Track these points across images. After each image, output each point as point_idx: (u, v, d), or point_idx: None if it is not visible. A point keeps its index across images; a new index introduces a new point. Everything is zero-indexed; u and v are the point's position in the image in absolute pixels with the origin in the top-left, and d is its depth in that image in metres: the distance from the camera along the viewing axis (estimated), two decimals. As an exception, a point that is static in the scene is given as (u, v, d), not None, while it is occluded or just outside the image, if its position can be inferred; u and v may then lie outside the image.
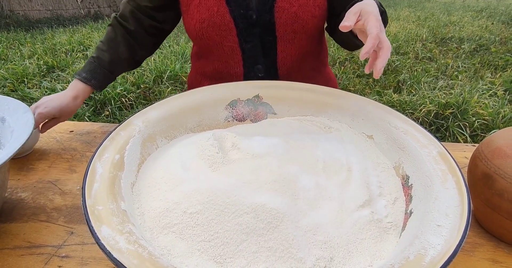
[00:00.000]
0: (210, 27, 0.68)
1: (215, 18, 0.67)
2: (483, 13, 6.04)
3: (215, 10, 0.67)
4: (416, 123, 0.52)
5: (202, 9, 0.68)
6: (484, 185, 0.44)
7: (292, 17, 0.67)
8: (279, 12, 0.67)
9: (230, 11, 0.67)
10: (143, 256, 0.30)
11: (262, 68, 0.74)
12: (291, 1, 0.66)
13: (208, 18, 0.67)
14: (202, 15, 0.68)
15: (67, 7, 5.92)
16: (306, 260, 0.34)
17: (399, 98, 2.52)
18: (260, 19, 0.68)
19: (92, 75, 0.73)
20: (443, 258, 0.28)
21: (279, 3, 0.66)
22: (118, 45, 0.75)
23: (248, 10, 0.67)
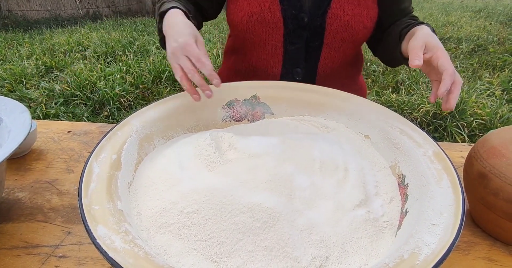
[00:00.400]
0: (258, 22, 0.66)
1: (265, 14, 0.65)
2: (481, 14, 6.06)
3: (266, 6, 0.65)
4: (412, 123, 0.52)
5: (254, 3, 0.66)
6: (479, 184, 0.45)
7: (344, 25, 0.66)
8: (332, 19, 0.65)
9: (282, 9, 0.65)
10: (139, 255, 0.30)
11: (301, 71, 0.73)
12: (346, 9, 0.65)
13: (258, 13, 0.65)
14: (253, 9, 0.66)
15: (66, 8, 5.91)
16: (302, 259, 0.34)
17: (397, 98, 2.53)
18: (311, 22, 0.66)
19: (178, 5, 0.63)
20: (437, 257, 0.28)
21: (333, 10, 0.65)
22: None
23: (300, 12, 0.66)
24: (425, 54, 0.51)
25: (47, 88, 2.66)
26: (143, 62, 3.19)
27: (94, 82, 2.66)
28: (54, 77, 2.96)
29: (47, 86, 2.68)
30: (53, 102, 2.50)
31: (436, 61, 0.49)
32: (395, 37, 0.65)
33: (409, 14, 0.72)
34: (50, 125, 0.84)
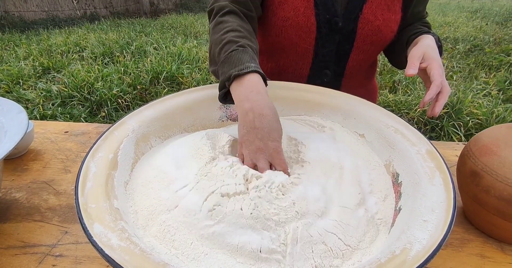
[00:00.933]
0: (292, 26, 0.67)
1: (300, 19, 0.66)
2: (477, 14, 6.10)
3: (301, 10, 0.66)
4: (406, 122, 0.52)
5: (288, 7, 0.66)
6: (472, 182, 0.45)
7: (374, 30, 0.67)
8: (363, 23, 0.67)
9: (316, 14, 0.66)
10: (135, 252, 0.30)
11: (329, 73, 0.74)
12: (377, 14, 0.67)
13: (292, 17, 0.66)
14: (287, 13, 0.66)
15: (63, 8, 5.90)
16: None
17: (394, 98, 2.54)
18: (343, 27, 0.68)
19: (254, 60, 0.53)
20: (427, 252, 0.29)
21: (365, 15, 0.66)
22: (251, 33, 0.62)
23: (334, 16, 0.67)
24: (422, 63, 0.56)
25: (44, 89, 2.65)
26: (140, 63, 3.19)
27: (92, 83, 2.66)
28: (51, 78, 2.95)
29: (44, 87, 2.68)
30: (50, 103, 2.50)
31: (429, 72, 0.54)
32: (403, 42, 0.69)
33: (422, 19, 0.75)
34: (47, 125, 0.84)
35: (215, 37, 0.58)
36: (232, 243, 0.35)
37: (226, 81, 0.51)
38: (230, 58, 0.52)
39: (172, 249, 0.35)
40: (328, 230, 0.37)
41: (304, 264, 0.34)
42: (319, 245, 0.35)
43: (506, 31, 4.58)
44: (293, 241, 0.35)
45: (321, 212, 0.38)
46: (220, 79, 0.53)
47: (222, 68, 0.53)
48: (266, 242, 0.34)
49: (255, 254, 0.34)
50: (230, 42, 0.54)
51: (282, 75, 0.77)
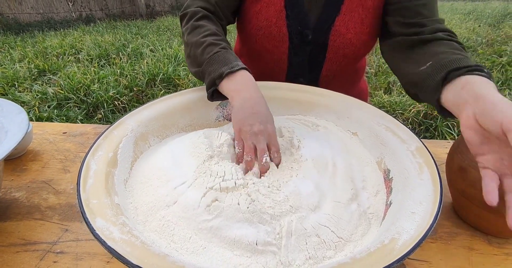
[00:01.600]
0: (265, 35, 0.69)
1: (272, 29, 0.68)
2: (470, 16, 6.18)
3: (273, 21, 0.68)
4: (396, 120, 0.54)
5: (261, 18, 0.68)
6: (459, 177, 0.47)
7: (346, 42, 0.68)
8: (335, 36, 0.67)
9: (288, 25, 0.68)
10: (136, 244, 0.31)
11: (304, 81, 0.73)
12: (349, 27, 0.67)
13: (265, 27, 0.68)
14: (260, 23, 0.68)
15: (58, 11, 5.89)
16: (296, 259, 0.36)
17: (389, 99, 2.57)
18: (314, 39, 0.69)
19: (237, 59, 0.58)
20: (414, 241, 0.30)
21: (337, 27, 0.67)
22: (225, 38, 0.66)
23: (305, 28, 0.68)
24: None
25: (40, 92, 2.64)
26: (137, 65, 3.20)
27: (88, 85, 2.66)
28: (47, 80, 2.94)
29: (40, 90, 2.67)
30: (46, 106, 2.49)
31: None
32: (437, 78, 0.47)
33: (436, 23, 0.60)
34: (45, 126, 0.85)
35: (194, 39, 0.61)
36: (229, 237, 0.36)
37: (216, 79, 0.54)
38: (216, 58, 0.56)
39: (172, 243, 0.37)
40: (321, 223, 0.38)
41: (299, 256, 0.35)
42: (313, 237, 0.37)
43: (498, 33, 4.65)
44: (287, 234, 0.36)
45: (314, 206, 0.40)
46: (208, 78, 0.56)
47: (209, 68, 0.56)
48: (262, 235, 0.36)
49: (252, 247, 0.35)
50: (212, 45, 0.58)
51: (261, 79, 0.78)
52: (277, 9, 0.67)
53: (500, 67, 3.30)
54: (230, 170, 0.43)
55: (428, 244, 0.47)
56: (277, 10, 0.67)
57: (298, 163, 0.50)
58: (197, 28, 0.63)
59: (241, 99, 0.51)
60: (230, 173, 0.43)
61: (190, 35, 0.63)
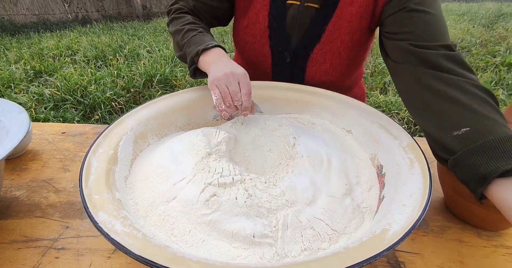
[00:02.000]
0: (251, 50, 0.73)
1: (256, 45, 0.71)
2: (464, 17, 6.25)
3: (258, 38, 0.71)
4: (389, 118, 0.56)
5: (248, 33, 0.71)
6: (449, 172, 0.48)
7: (322, 71, 0.70)
8: (312, 63, 0.70)
9: (270, 45, 0.70)
10: (138, 237, 0.32)
11: None
12: (326, 57, 0.68)
13: (251, 42, 0.72)
14: (247, 38, 0.72)
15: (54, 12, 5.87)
16: (291, 250, 0.37)
17: (385, 99, 2.60)
18: (293, 62, 0.71)
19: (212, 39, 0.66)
20: (403, 231, 0.32)
21: (315, 55, 0.69)
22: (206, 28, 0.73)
23: (285, 50, 0.70)
24: None
25: (36, 93, 2.64)
26: (134, 66, 3.20)
27: (85, 86, 2.66)
28: (44, 82, 2.93)
29: (36, 91, 2.66)
30: (43, 107, 2.49)
31: None
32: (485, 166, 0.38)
33: (445, 46, 0.49)
34: (44, 127, 0.85)
35: (176, 28, 0.69)
36: (227, 230, 0.37)
37: (194, 57, 0.62)
38: (193, 40, 0.64)
39: (172, 237, 0.38)
40: (316, 216, 0.40)
41: (294, 247, 0.36)
42: (308, 230, 0.38)
43: (492, 34, 4.71)
44: (283, 227, 0.38)
45: (310, 200, 0.41)
46: (188, 58, 0.64)
47: (188, 48, 0.64)
48: (259, 228, 0.37)
49: (249, 239, 0.36)
50: (190, 30, 0.66)
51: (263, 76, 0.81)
52: (261, 28, 0.69)
53: (493, 67, 3.35)
54: (228, 167, 0.45)
55: (420, 237, 0.49)
56: (261, 28, 0.69)
57: (294, 159, 0.51)
58: (178, 19, 0.71)
59: (215, 67, 0.57)
60: (228, 169, 0.44)
61: (171, 24, 0.72)
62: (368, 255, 0.29)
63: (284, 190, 0.42)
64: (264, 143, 0.54)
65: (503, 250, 0.47)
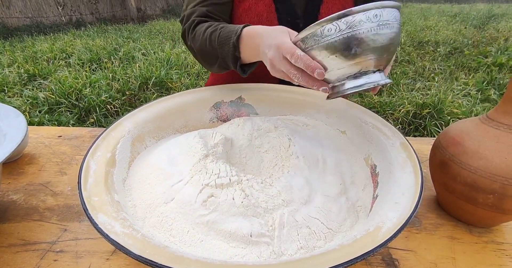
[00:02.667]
0: None
1: (264, 24, 0.69)
2: (456, 18, 6.34)
3: (264, 15, 0.71)
4: (382, 118, 0.57)
5: (252, 14, 0.71)
6: (441, 171, 0.50)
7: None
8: None
9: (278, 18, 0.71)
10: (137, 237, 0.33)
11: None
12: (333, 12, 0.69)
13: (257, 22, 0.71)
14: (251, 20, 0.71)
15: (48, 15, 5.83)
16: (288, 248, 0.38)
17: (379, 99, 2.63)
18: (305, 27, 0.72)
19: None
20: (396, 228, 0.33)
21: (323, 15, 0.71)
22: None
23: (295, 18, 0.72)
24: None
25: (30, 97, 2.62)
26: (129, 69, 3.20)
27: (80, 89, 2.65)
28: (38, 85, 2.92)
29: (31, 94, 2.65)
30: (37, 111, 2.47)
31: None
32: None
33: None
34: (40, 130, 0.85)
35: (199, 42, 0.65)
36: (225, 230, 0.38)
37: (233, 52, 0.57)
38: (221, 40, 0.59)
39: (170, 237, 0.38)
40: (311, 215, 0.40)
41: (291, 246, 0.37)
42: (304, 228, 0.39)
43: (483, 34, 4.78)
44: (280, 226, 0.38)
45: (305, 200, 0.42)
46: (228, 59, 0.59)
47: (223, 49, 0.59)
48: (256, 227, 0.38)
49: (246, 238, 0.37)
50: (212, 33, 0.61)
51: (256, 78, 0.79)
52: (267, 4, 0.70)
53: (485, 67, 3.40)
54: (225, 168, 0.46)
55: (413, 235, 0.50)
56: (266, 4, 0.70)
57: (290, 160, 0.52)
58: (195, 35, 0.67)
59: (261, 52, 0.50)
60: (225, 170, 0.45)
61: (193, 41, 0.67)
62: (362, 252, 0.30)
63: (280, 190, 0.43)
64: (260, 144, 0.55)
65: (494, 246, 0.48)
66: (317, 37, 0.41)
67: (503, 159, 0.44)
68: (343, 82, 0.42)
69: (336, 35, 0.39)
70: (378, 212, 0.38)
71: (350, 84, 0.41)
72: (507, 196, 0.43)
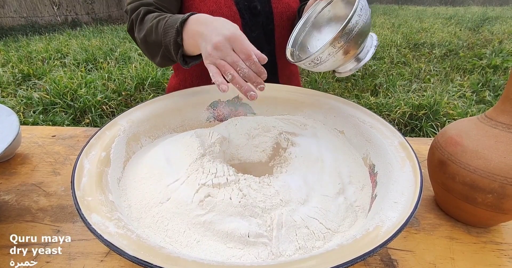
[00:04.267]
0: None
1: (223, 10, 0.72)
2: (451, 20, 6.39)
3: (222, 2, 0.72)
4: (380, 117, 0.57)
5: (209, 2, 0.71)
6: (440, 170, 0.50)
7: (285, 6, 0.76)
8: (276, 3, 0.75)
9: (236, 3, 0.73)
10: (132, 238, 0.32)
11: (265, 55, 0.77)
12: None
13: (216, 10, 0.71)
14: (210, 7, 0.72)
15: (43, 14, 5.78)
16: (287, 249, 0.37)
17: (376, 100, 2.64)
18: (262, 9, 0.75)
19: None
20: (396, 227, 0.32)
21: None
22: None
23: (251, 2, 0.74)
24: None
25: (24, 97, 2.59)
26: (125, 69, 3.17)
27: (75, 89, 2.62)
28: (32, 85, 2.89)
29: (25, 95, 2.62)
30: (32, 111, 2.45)
31: None
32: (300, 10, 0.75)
33: None
34: (33, 130, 0.84)
35: (145, 31, 0.60)
36: (222, 230, 0.37)
37: (175, 38, 0.53)
38: (166, 26, 0.55)
39: (166, 238, 0.38)
40: (310, 215, 0.40)
41: (289, 246, 0.37)
42: (302, 229, 0.38)
43: (478, 37, 4.83)
44: (278, 226, 0.38)
45: (303, 200, 0.42)
46: (172, 44, 0.55)
47: (166, 36, 0.55)
48: (253, 228, 0.37)
49: (244, 239, 0.37)
50: (160, 21, 0.57)
51: None
52: None
53: (480, 69, 3.43)
54: (222, 167, 0.45)
55: (412, 235, 0.49)
56: None
57: (287, 160, 0.51)
58: (143, 25, 0.63)
59: (202, 41, 0.48)
60: (222, 170, 0.44)
61: (140, 33, 0.63)
62: (363, 252, 0.30)
63: (278, 190, 0.42)
64: (258, 143, 0.54)
65: (492, 246, 0.48)
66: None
67: (502, 158, 0.43)
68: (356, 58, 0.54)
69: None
70: (378, 212, 0.37)
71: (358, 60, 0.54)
72: (506, 196, 0.43)
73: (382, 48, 4.17)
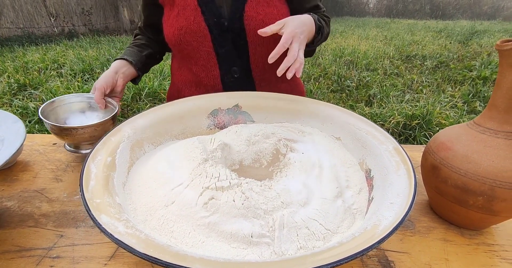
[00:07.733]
0: (187, 33, 0.77)
1: (192, 26, 0.76)
2: (442, 33, 6.59)
3: (192, 19, 0.76)
4: (375, 124, 0.59)
5: (181, 19, 0.77)
6: (432, 175, 0.52)
7: (259, 24, 0.76)
8: (248, 20, 0.76)
9: (205, 19, 0.76)
10: (141, 237, 0.33)
11: (238, 70, 0.81)
12: (258, 10, 0.76)
13: (185, 26, 0.76)
14: (181, 24, 0.77)
15: (40, 25, 5.82)
16: (288, 249, 0.39)
17: (370, 111, 2.69)
18: (231, 26, 0.77)
19: (126, 53, 0.85)
20: (392, 226, 0.34)
21: (248, 13, 0.76)
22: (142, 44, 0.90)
23: (220, 18, 0.77)
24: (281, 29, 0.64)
25: (20, 106, 2.59)
26: (122, 79, 3.19)
27: (72, 99, 2.63)
28: (28, 95, 2.89)
29: (21, 104, 2.62)
30: (27, 121, 2.44)
31: (281, 33, 0.64)
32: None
33: (319, 12, 0.83)
34: (34, 138, 0.85)
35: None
36: (226, 231, 0.39)
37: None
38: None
39: (172, 239, 0.39)
40: (310, 217, 0.41)
41: (291, 246, 0.38)
42: (303, 229, 0.40)
43: (467, 49, 4.97)
44: (280, 227, 0.39)
45: (303, 202, 0.43)
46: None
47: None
48: (256, 228, 0.39)
49: (247, 239, 0.38)
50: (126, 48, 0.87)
51: (201, 82, 0.85)
52: (192, 9, 0.76)
53: (470, 80, 3.52)
54: (224, 172, 0.46)
55: (408, 238, 0.51)
56: (192, 9, 0.76)
57: (287, 165, 0.53)
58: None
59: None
60: (224, 174, 0.46)
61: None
62: (362, 248, 0.31)
63: (279, 193, 0.44)
64: (258, 149, 0.56)
65: (485, 247, 0.50)
66: None
67: (491, 162, 0.46)
68: None
69: None
70: (375, 212, 0.39)
71: None
72: (495, 198, 0.45)
73: (375, 60, 4.28)
